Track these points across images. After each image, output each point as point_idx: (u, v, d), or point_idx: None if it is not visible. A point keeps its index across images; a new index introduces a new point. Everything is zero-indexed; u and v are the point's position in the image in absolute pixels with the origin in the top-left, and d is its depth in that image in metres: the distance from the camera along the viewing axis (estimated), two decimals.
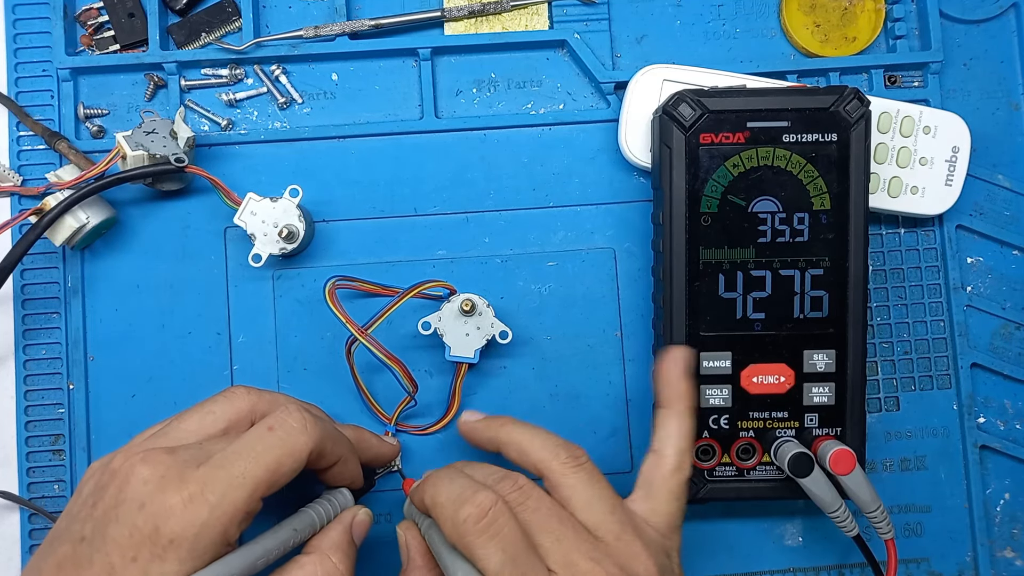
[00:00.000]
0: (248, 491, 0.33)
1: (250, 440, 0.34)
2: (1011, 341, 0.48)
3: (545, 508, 0.35)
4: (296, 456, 0.35)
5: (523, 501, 0.35)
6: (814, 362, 0.43)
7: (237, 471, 0.33)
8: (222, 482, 0.33)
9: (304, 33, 0.47)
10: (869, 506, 0.41)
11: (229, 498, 0.32)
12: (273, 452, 0.34)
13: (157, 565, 0.31)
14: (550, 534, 0.34)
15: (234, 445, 0.34)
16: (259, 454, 0.34)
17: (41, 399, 0.47)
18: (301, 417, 0.36)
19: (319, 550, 0.36)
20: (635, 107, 0.46)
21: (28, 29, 0.48)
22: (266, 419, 0.35)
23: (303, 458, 0.35)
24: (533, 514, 0.35)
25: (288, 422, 0.35)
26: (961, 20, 0.50)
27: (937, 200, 0.47)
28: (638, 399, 0.47)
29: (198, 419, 0.37)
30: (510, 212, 0.48)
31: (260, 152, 0.48)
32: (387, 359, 0.43)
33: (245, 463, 0.33)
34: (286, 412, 0.36)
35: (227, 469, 0.33)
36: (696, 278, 0.43)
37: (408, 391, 0.44)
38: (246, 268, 0.47)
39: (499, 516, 0.34)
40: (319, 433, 0.36)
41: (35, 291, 0.47)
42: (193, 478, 0.32)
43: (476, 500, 0.34)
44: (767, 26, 0.50)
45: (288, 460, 0.34)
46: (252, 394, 0.38)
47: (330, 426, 0.38)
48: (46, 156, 0.48)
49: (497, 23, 0.49)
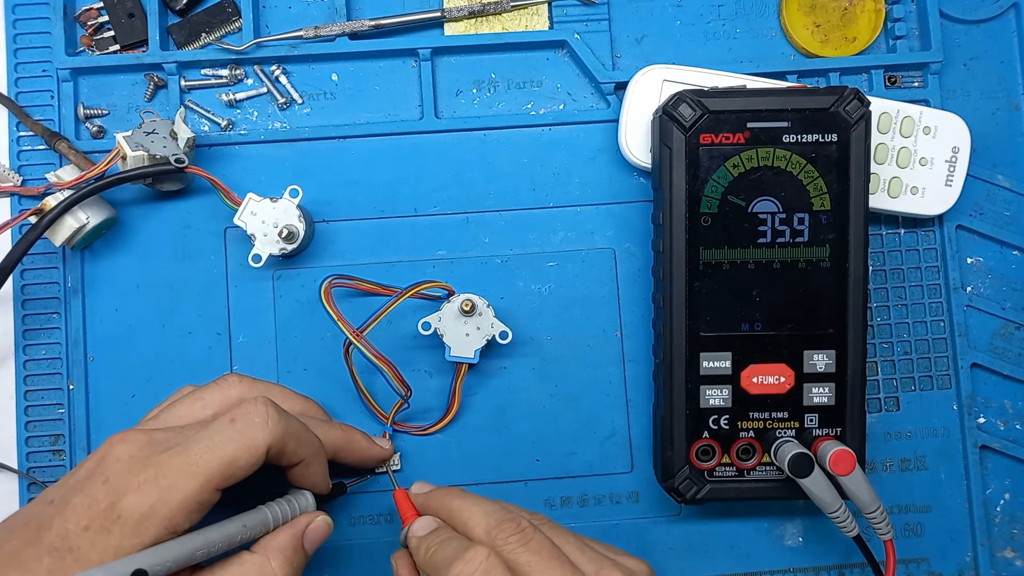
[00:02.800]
0: (200, 481, 0.34)
1: (210, 431, 0.35)
2: (1011, 341, 0.48)
3: (546, 550, 0.36)
4: (253, 451, 0.35)
5: (526, 543, 0.36)
6: (814, 362, 0.43)
7: (192, 460, 0.34)
8: (176, 469, 0.34)
9: (304, 33, 0.47)
10: (869, 506, 0.41)
11: (179, 486, 0.33)
12: (230, 445, 0.35)
13: (103, 537, 0.33)
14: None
15: (197, 434, 0.35)
16: (216, 445, 0.34)
17: (41, 399, 0.47)
18: (265, 412, 0.36)
19: (264, 551, 0.36)
20: (635, 107, 0.46)
21: (28, 29, 0.48)
22: (232, 411, 0.36)
23: (260, 454, 0.35)
24: (535, 555, 0.36)
25: (251, 416, 0.36)
26: (961, 20, 0.50)
27: (937, 200, 0.47)
28: (638, 399, 0.47)
29: (188, 405, 0.38)
30: (510, 212, 0.48)
31: (260, 152, 0.48)
32: (379, 362, 0.43)
33: (201, 453, 0.34)
34: (252, 405, 0.36)
35: (183, 457, 0.34)
36: (696, 278, 0.43)
37: (400, 394, 0.44)
38: (246, 268, 0.47)
39: (490, 571, 0.34)
40: (280, 431, 0.36)
41: (35, 291, 0.47)
42: (154, 462, 0.34)
43: (467, 557, 0.35)
44: (767, 26, 0.50)
45: (244, 454, 0.35)
46: (244, 383, 0.40)
47: (297, 426, 0.38)
48: (46, 156, 0.48)
49: (497, 23, 0.49)
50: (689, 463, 0.43)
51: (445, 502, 0.40)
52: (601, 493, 0.47)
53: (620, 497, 0.47)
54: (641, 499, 0.47)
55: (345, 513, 0.46)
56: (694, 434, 0.43)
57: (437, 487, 0.42)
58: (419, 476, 0.45)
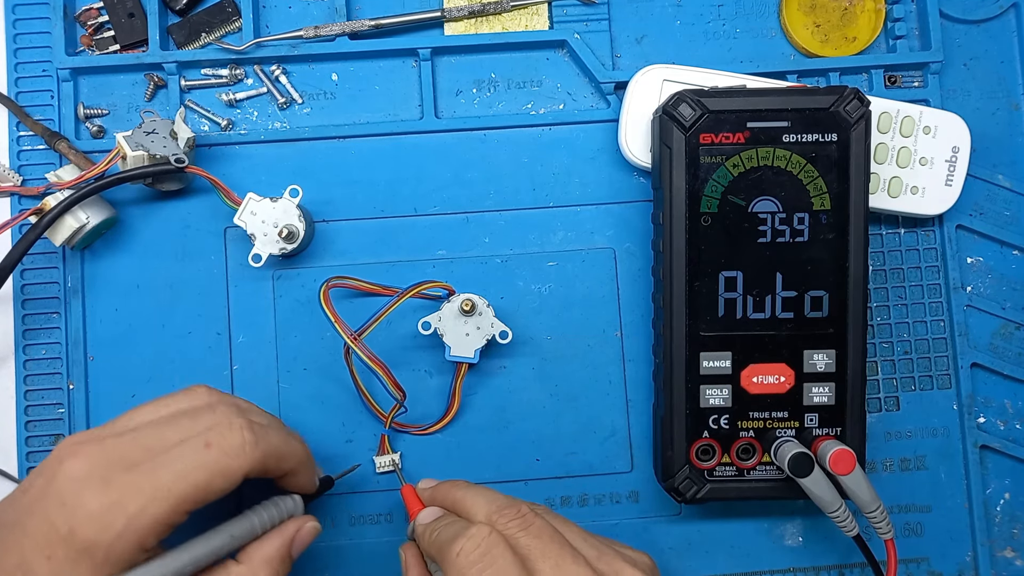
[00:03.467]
0: (170, 506, 0.32)
1: (183, 453, 0.33)
2: (1011, 341, 0.48)
3: (547, 534, 0.36)
4: (229, 477, 0.34)
5: (526, 527, 0.36)
6: (814, 362, 0.43)
7: (162, 484, 0.32)
8: (144, 494, 0.32)
9: (304, 33, 0.47)
10: (869, 506, 0.41)
11: (149, 511, 0.31)
12: (204, 471, 0.33)
13: (70, 568, 0.31)
14: (549, 559, 0.35)
15: (166, 455, 0.33)
16: (189, 471, 0.33)
17: (41, 399, 0.47)
18: (241, 438, 0.34)
19: (251, 562, 0.35)
20: (635, 107, 0.46)
21: (28, 29, 0.48)
22: (205, 433, 0.34)
23: (237, 479, 0.34)
24: (535, 539, 0.36)
25: (227, 441, 0.34)
26: (961, 20, 0.50)
27: (937, 200, 0.47)
28: (638, 399, 0.47)
29: (151, 411, 0.36)
30: (510, 212, 0.48)
31: (260, 152, 0.48)
32: (374, 365, 0.43)
33: (172, 478, 0.32)
34: (228, 429, 0.34)
35: (152, 479, 0.32)
36: (696, 278, 0.43)
37: (396, 398, 0.44)
38: (246, 268, 0.47)
39: (492, 547, 0.34)
40: (259, 455, 0.35)
41: (35, 291, 0.47)
42: (117, 483, 0.32)
43: (468, 534, 0.35)
44: (767, 26, 0.50)
45: (219, 480, 0.33)
46: (213, 396, 0.37)
47: (278, 441, 0.36)
48: (46, 156, 0.48)
49: (497, 23, 0.49)
50: (689, 463, 0.43)
51: (450, 493, 0.40)
52: (601, 493, 0.47)
53: (620, 497, 0.47)
54: (641, 499, 0.47)
55: (345, 513, 0.46)
56: (694, 434, 0.43)
57: (442, 481, 0.42)
58: (419, 475, 0.45)
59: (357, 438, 0.46)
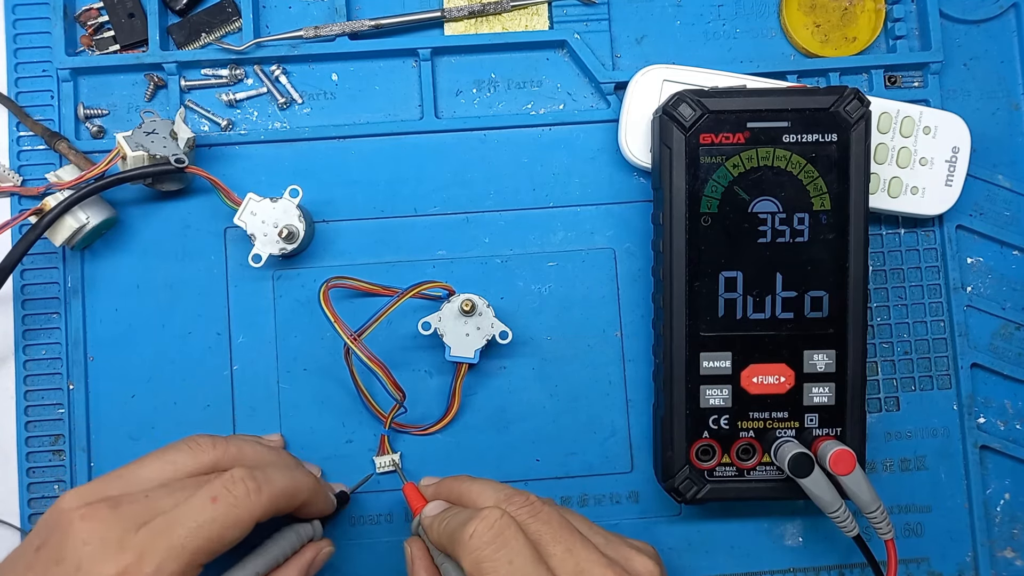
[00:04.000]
0: (185, 561, 0.33)
1: (192, 509, 0.34)
2: (1011, 341, 0.48)
3: (556, 521, 0.36)
4: (240, 526, 0.34)
5: (535, 513, 0.36)
6: (814, 362, 0.43)
7: (176, 542, 0.32)
8: (159, 552, 0.32)
9: (304, 33, 0.47)
10: (869, 506, 0.40)
11: (166, 569, 0.32)
12: (215, 524, 0.33)
13: None
14: (561, 544, 0.35)
15: (176, 511, 0.33)
16: (200, 526, 0.33)
17: (41, 399, 0.47)
18: (246, 489, 0.35)
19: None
20: (635, 107, 0.46)
21: (28, 29, 0.48)
22: (209, 487, 0.34)
23: (248, 526, 0.35)
24: (545, 525, 0.36)
25: (232, 493, 0.34)
26: (961, 20, 0.50)
27: (937, 200, 0.47)
28: (638, 399, 0.47)
29: (158, 468, 0.36)
30: (510, 212, 0.48)
31: (260, 152, 0.48)
32: (374, 366, 0.43)
33: (185, 533, 0.33)
34: (231, 482, 0.35)
35: (166, 538, 0.32)
36: (696, 278, 0.43)
37: (395, 399, 0.44)
38: (246, 268, 0.47)
39: (505, 529, 0.34)
40: (266, 501, 0.35)
41: (35, 291, 0.47)
42: (131, 544, 0.32)
43: (481, 515, 0.35)
44: (767, 26, 0.50)
45: (231, 531, 0.34)
46: (218, 447, 0.37)
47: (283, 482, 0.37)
48: (46, 156, 0.48)
49: (497, 23, 0.49)
50: (689, 463, 0.43)
51: (454, 487, 0.40)
52: (601, 493, 0.47)
53: (620, 497, 0.47)
54: (641, 499, 0.47)
55: (345, 513, 0.46)
56: (694, 434, 0.43)
57: (445, 477, 0.42)
58: (420, 476, 0.45)
59: (357, 438, 0.46)
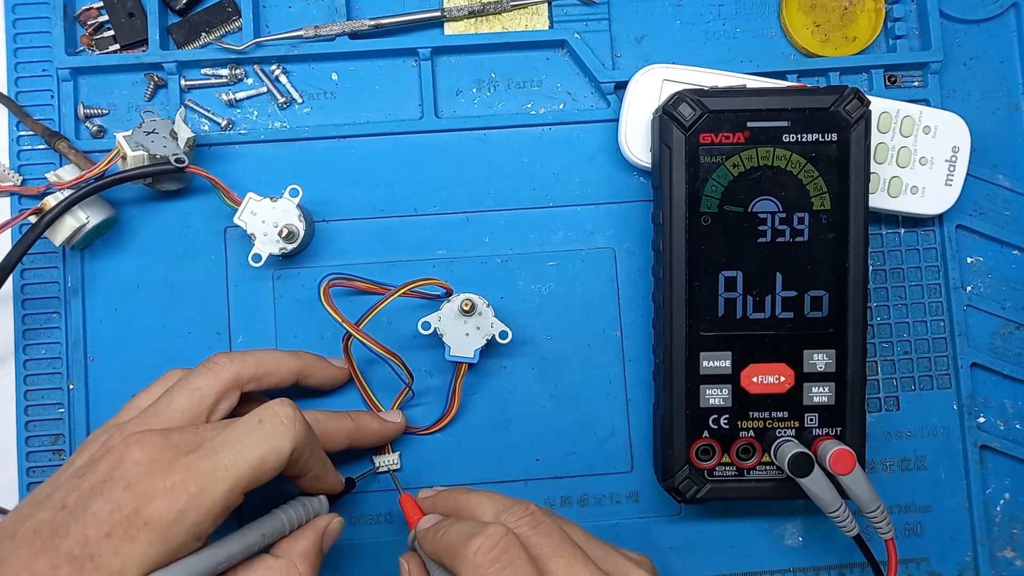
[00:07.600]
0: (229, 485, 0.33)
1: (238, 432, 0.35)
2: (1011, 341, 0.48)
3: (557, 534, 0.36)
4: (280, 453, 0.35)
5: (536, 526, 0.36)
6: (814, 362, 0.43)
7: (221, 464, 0.33)
8: (204, 474, 0.33)
9: (304, 33, 0.47)
10: (869, 506, 0.40)
11: (209, 491, 0.33)
12: (259, 447, 0.34)
13: (128, 544, 0.32)
14: (562, 559, 0.35)
15: (222, 435, 0.34)
16: (244, 448, 0.34)
17: (41, 399, 0.47)
18: (292, 413, 0.36)
19: (288, 556, 0.36)
20: (635, 107, 0.46)
21: (28, 29, 0.48)
22: (258, 410, 0.36)
23: (285, 456, 0.35)
24: (546, 538, 0.36)
25: (278, 417, 0.35)
26: (961, 20, 0.50)
27: (937, 200, 0.47)
28: (638, 399, 0.47)
29: (187, 397, 0.38)
30: (510, 212, 0.48)
31: (260, 152, 0.48)
32: (383, 352, 0.43)
33: (230, 456, 0.34)
34: (279, 406, 0.36)
35: (211, 460, 0.33)
36: (696, 278, 0.43)
37: (405, 381, 0.44)
38: (246, 268, 0.47)
39: (510, 547, 0.34)
40: (305, 432, 0.36)
41: (35, 291, 0.47)
42: (180, 465, 0.33)
43: (486, 532, 0.35)
44: (767, 26, 0.50)
45: (272, 457, 0.35)
46: (236, 362, 0.39)
47: (313, 436, 0.38)
48: (46, 156, 0.48)
49: (497, 23, 0.49)
50: (689, 463, 0.43)
51: (451, 499, 0.40)
52: (601, 493, 0.47)
53: (620, 497, 0.47)
54: (641, 499, 0.47)
55: (345, 513, 0.46)
56: (694, 434, 0.43)
57: (442, 489, 0.42)
58: (419, 475, 0.45)
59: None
